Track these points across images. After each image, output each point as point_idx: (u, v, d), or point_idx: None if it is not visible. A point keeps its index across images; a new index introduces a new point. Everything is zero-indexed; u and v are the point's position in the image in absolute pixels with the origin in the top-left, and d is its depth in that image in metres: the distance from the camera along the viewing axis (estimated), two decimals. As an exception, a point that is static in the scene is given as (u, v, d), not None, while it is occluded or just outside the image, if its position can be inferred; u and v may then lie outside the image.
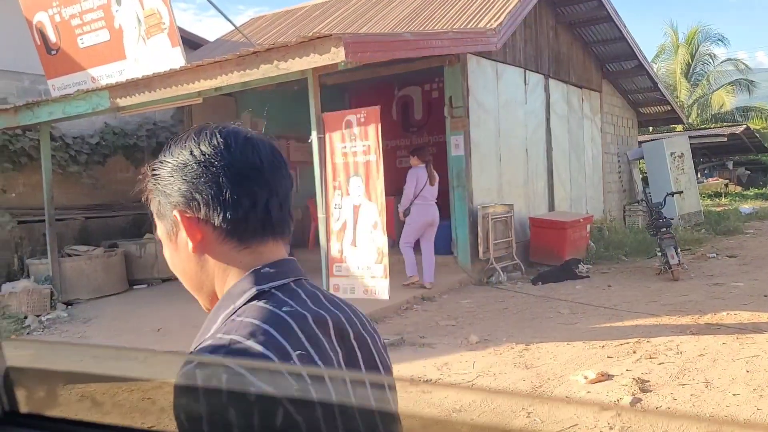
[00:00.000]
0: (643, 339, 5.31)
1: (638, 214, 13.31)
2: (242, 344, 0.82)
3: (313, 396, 0.79)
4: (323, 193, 5.87)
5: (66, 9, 8.29)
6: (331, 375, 0.86)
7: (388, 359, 1.08)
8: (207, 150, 0.93)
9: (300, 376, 0.82)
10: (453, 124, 8.53)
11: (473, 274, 8.45)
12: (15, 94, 9.65)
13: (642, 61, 13.27)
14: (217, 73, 6.05)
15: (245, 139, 0.97)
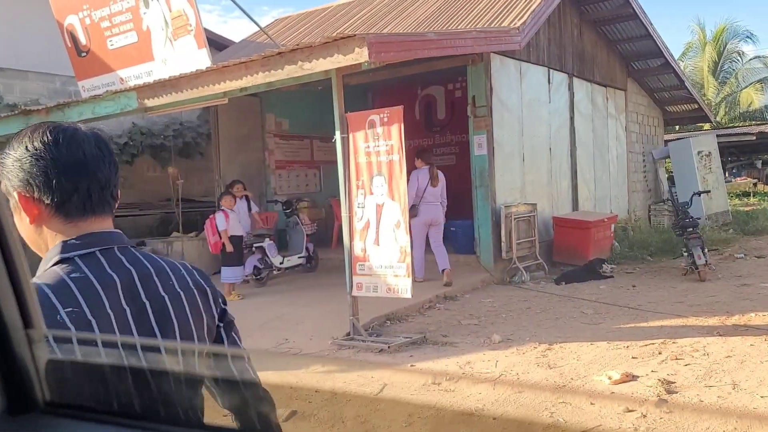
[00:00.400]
0: (668, 340, 5.27)
1: (664, 214, 13.13)
2: None
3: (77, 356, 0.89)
4: (347, 192, 5.91)
5: (96, 12, 8.47)
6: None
7: (213, 318, 1.30)
8: (38, 146, 1.14)
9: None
10: (476, 123, 8.52)
11: (496, 274, 8.44)
12: (46, 95, 9.89)
13: (668, 58, 13.10)
14: (243, 73, 6.13)
15: (71, 136, 1.16)
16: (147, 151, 10.92)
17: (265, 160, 11.05)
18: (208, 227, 8.00)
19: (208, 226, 8.00)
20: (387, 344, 5.51)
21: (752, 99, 26.39)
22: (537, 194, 9.61)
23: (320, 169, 11.96)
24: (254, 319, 6.81)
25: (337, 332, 5.95)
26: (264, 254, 8.61)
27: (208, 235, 8.03)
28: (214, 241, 7.89)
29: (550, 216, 9.83)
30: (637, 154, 13.94)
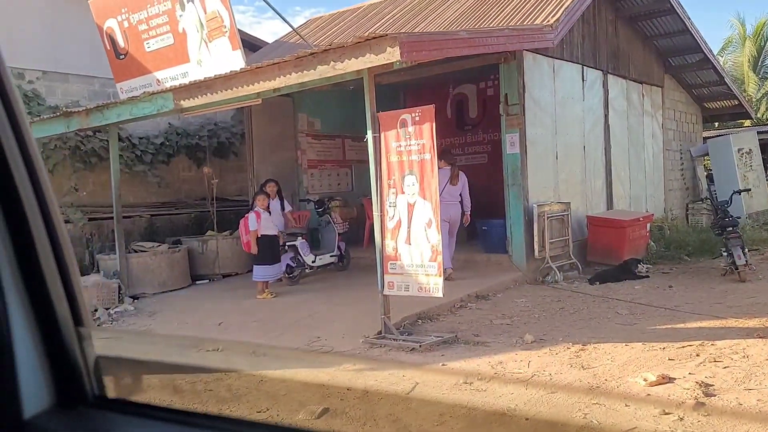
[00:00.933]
0: (707, 342, 5.15)
1: (702, 213, 12.85)
2: None
3: None
4: (378, 191, 5.94)
5: (134, 15, 8.66)
6: None
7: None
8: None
9: None
10: (508, 121, 8.46)
11: (528, 273, 8.37)
12: (86, 96, 10.15)
13: (707, 54, 12.80)
14: (276, 74, 6.20)
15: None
16: (183, 151, 11.13)
17: (297, 159, 11.15)
18: (242, 227, 8.13)
19: (242, 226, 8.13)
20: (418, 343, 5.52)
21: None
22: (570, 193, 9.50)
23: (352, 168, 12.01)
24: (287, 317, 6.89)
25: (369, 331, 5.98)
26: (296, 253, 8.69)
27: (242, 234, 8.15)
28: (247, 240, 8.01)
29: (584, 215, 9.70)
30: (675, 151, 13.66)
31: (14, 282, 0.79)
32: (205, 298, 8.55)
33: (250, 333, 6.48)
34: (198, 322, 7.20)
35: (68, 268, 0.84)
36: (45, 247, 0.81)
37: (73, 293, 0.85)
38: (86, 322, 0.86)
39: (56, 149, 9.30)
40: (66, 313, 0.83)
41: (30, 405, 0.78)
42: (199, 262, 9.77)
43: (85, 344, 0.85)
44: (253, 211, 8.03)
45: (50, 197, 0.84)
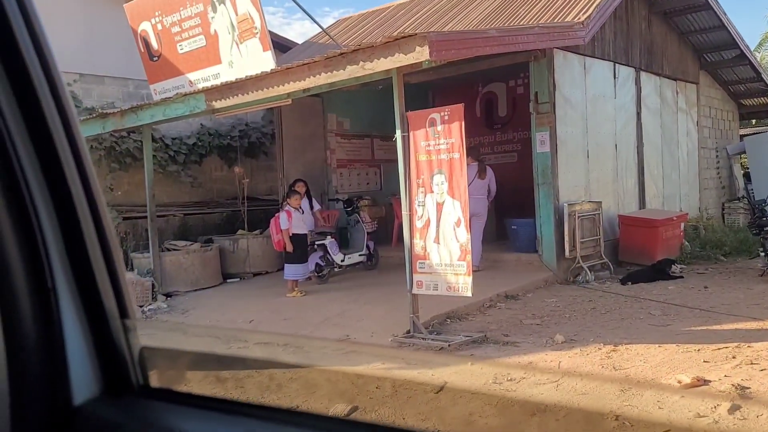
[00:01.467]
0: (743, 343, 5.04)
1: (739, 212, 12.57)
2: None
3: None
4: (407, 190, 5.94)
5: (167, 18, 8.81)
6: None
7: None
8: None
9: None
10: (539, 120, 8.39)
11: (559, 273, 8.28)
12: (121, 98, 10.37)
13: (744, 50, 12.50)
14: (306, 74, 6.25)
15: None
16: (214, 151, 11.29)
17: (326, 159, 11.22)
18: (273, 226, 8.21)
19: (273, 225, 8.21)
20: (447, 342, 5.51)
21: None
22: (602, 192, 9.37)
23: (381, 167, 12.04)
24: (316, 316, 6.94)
25: (398, 330, 5.99)
26: (325, 252, 8.74)
27: (273, 233, 8.23)
28: (278, 239, 8.08)
29: (616, 214, 9.56)
30: (710, 149, 13.37)
31: (66, 277, 0.83)
32: (236, 296, 8.66)
33: (281, 331, 6.54)
34: (230, 320, 7.30)
35: (114, 264, 0.88)
36: (94, 244, 0.85)
37: (119, 287, 0.88)
38: (131, 315, 0.90)
39: (92, 150, 9.52)
40: (113, 305, 0.86)
41: (79, 393, 0.82)
42: (230, 260, 9.90)
43: (130, 335, 0.88)
44: (284, 210, 8.10)
45: (99, 196, 0.87)
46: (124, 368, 0.87)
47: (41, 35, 0.83)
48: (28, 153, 0.80)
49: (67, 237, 0.83)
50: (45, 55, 0.83)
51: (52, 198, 0.82)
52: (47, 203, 0.82)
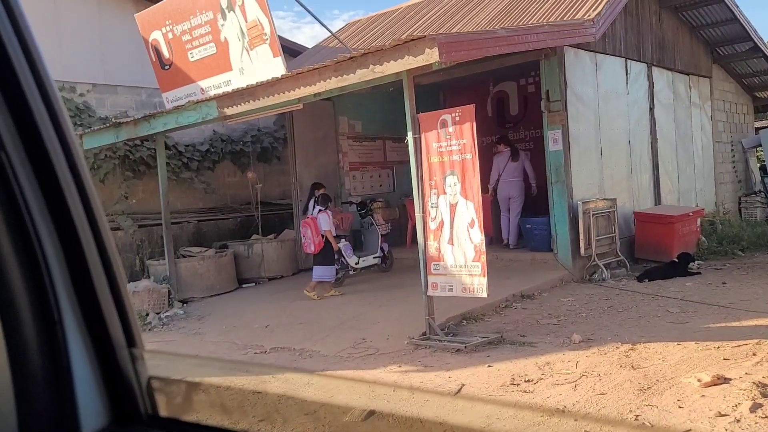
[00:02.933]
0: (764, 340, 4.98)
1: (756, 206, 12.43)
2: None
3: None
4: (420, 192, 5.94)
5: (177, 26, 8.88)
6: None
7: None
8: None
9: None
10: (550, 118, 8.35)
11: (574, 272, 8.24)
12: (134, 107, 10.46)
13: (757, 42, 12.36)
14: (316, 79, 6.27)
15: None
16: (227, 157, 11.35)
17: (339, 162, 11.24)
18: (309, 227, 8.12)
19: (309, 227, 8.12)
20: (463, 344, 5.50)
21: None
22: (616, 189, 9.31)
23: (393, 169, 12.04)
24: (332, 319, 6.96)
25: (413, 332, 5.98)
26: (340, 255, 8.76)
27: (310, 235, 8.08)
28: (318, 241, 8.02)
29: (631, 211, 9.49)
30: (725, 143, 13.23)
31: (72, 308, 0.83)
32: (252, 301, 8.70)
33: (297, 335, 6.57)
34: (245, 325, 7.34)
35: (121, 293, 0.88)
36: (99, 274, 0.85)
37: (125, 316, 0.88)
38: (139, 344, 0.90)
39: (106, 159, 9.61)
40: (119, 334, 0.87)
41: (88, 424, 0.82)
42: (245, 265, 9.95)
43: (138, 364, 0.88)
44: (324, 212, 8.12)
45: (103, 225, 0.87)
46: (133, 398, 0.87)
47: (31, 43, 0.83)
48: (31, 185, 0.80)
49: (72, 268, 0.83)
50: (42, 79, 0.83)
51: (56, 229, 0.82)
52: (51, 234, 0.81)
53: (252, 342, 6.55)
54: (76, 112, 9.78)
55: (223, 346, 6.59)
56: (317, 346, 6.08)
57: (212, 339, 6.97)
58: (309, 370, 5.33)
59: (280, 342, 6.39)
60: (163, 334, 7.51)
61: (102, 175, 9.61)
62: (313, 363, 5.62)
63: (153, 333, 7.61)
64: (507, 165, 9.49)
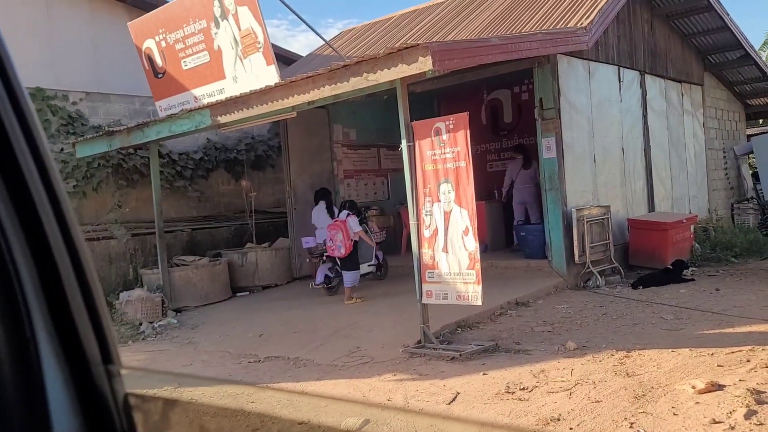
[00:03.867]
0: (757, 347, 4.99)
1: (749, 213, 12.48)
2: None
3: None
4: (414, 200, 5.94)
5: (171, 35, 8.88)
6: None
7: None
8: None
9: None
10: (544, 126, 8.37)
11: (569, 279, 8.24)
12: (127, 115, 10.44)
13: (748, 50, 12.46)
14: (310, 87, 6.27)
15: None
16: (221, 165, 11.33)
17: (333, 170, 11.24)
18: (341, 230, 8.06)
19: (341, 229, 8.06)
20: (458, 352, 5.49)
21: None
22: (610, 196, 9.34)
23: (388, 177, 12.05)
24: (326, 327, 6.93)
25: (408, 340, 5.97)
26: (334, 263, 8.74)
27: (342, 238, 8.03)
28: (349, 244, 8.01)
29: (625, 218, 9.52)
30: (717, 150, 13.31)
31: (45, 324, 0.80)
32: (246, 309, 8.67)
33: (291, 344, 6.54)
34: (239, 334, 7.30)
35: (97, 307, 0.86)
36: (73, 287, 0.83)
37: (102, 331, 0.86)
38: (115, 360, 0.88)
39: (99, 167, 9.58)
40: (95, 351, 0.85)
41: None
42: (239, 274, 9.92)
43: (114, 381, 0.86)
44: (352, 215, 8.15)
45: (77, 234, 0.84)
46: (108, 416, 0.85)
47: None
48: (2, 198, 0.78)
49: (44, 282, 0.80)
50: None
51: (28, 241, 0.79)
52: (22, 247, 0.79)
53: (246, 351, 6.52)
54: (68, 120, 9.76)
55: (217, 356, 6.55)
56: (312, 355, 6.05)
57: (206, 348, 6.93)
58: (289, 390, 5.31)
59: (274, 351, 6.36)
60: (156, 344, 7.46)
61: (95, 184, 9.58)
62: (308, 372, 5.59)
63: (146, 342, 7.57)
64: (520, 172, 10.01)
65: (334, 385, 5.08)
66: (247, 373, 5.77)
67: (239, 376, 5.64)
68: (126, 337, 7.76)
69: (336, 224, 8.19)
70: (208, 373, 5.84)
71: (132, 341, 7.64)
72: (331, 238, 8.15)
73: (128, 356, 6.91)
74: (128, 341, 7.62)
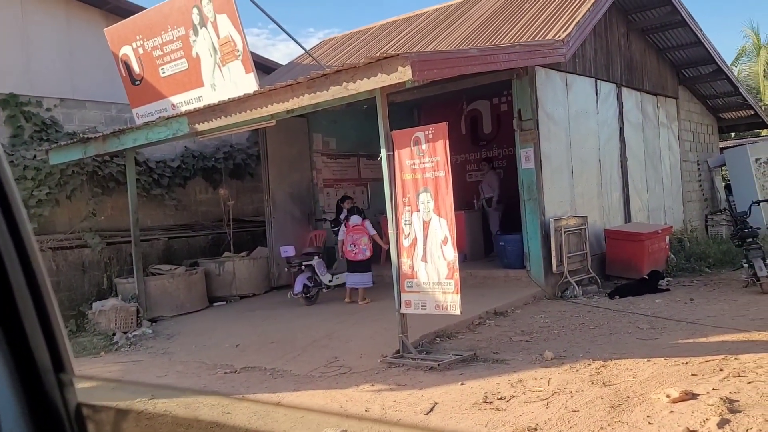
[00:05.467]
0: (730, 356, 5.05)
1: (722, 224, 12.68)
2: None
3: None
4: (393, 209, 5.93)
5: (148, 41, 8.80)
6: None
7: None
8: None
9: None
10: (522, 137, 8.44)
11: (547, 289, 8.29)
12: (103, 122, 10.31)
13: (720, 64, 12.73)
14: (289, 96, 6.25)
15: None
16: (199, 173, 11.23)
17: (313, 179, 11.21)
18: (365, 234, 8.23)
19: (364, 233, 8.23)
20: (437, 362, 5.47)
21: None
22: (587, 207, 9.43)
23: (368, 186, 12.05)
24: (304, 337, 6.88)
25: (387, 350, 5.94)
26: (313, 272, 8.70)
27: (367, 241, 8.21)
28: (370, 246, 8.23)
29: (602, 229, 9.62)
30: (692, 162, 13.54)
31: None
32: (223, 319, 8.57)
33: (268, 354, 6.47)
34: (216, 344, 7.21)
35: (48, 313, 0.83)
36: (23, 293, 0.80)
37: (54, 339, 0.84)
38: (67, 368, 0.85)
39: (74, 175, 9.42)
40: (46, 359, 0.82)
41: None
42: (216, 283, 9.81)
43: (66, 391, 0.84)
44: (366, 219, 8.28)
45: (28, 237, 0.81)
46: (60, 426, 0.82)
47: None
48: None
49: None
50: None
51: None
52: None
53: (222, 361, 6.43)
54: (42, 126, 9.60)
55: (193, 366, 6.45)
56: (289, 366, 5.99)
57: (181, 359, 6.83)
58: (265, 402, 5.26)
59: (250, 361, 6.28)
60: (130, 354, 7.34)
61: (69, 192, 9.42)
62: (285, 383, 5.53)
63: (120, 353, 7.44)
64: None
65: (311, 395, 5.03)
66: (223, 383, 5.69)
67: (215, 387, 5.56)
68: (99, 347, 7.62)
69: (357, 228, 8.33)
70: (184, 384, 5.75)
71: (105, 352, 7.50)
72: (354, 243, 8.28)
73: (100, 367, 6.78)
74: (101, 352, 7.48)
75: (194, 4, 8.07)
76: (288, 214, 10.66)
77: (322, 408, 4.68)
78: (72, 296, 9.22)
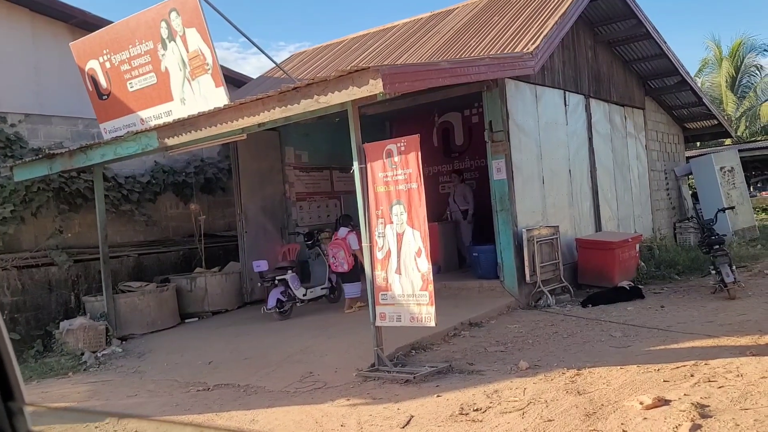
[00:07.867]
0: (700, 361, 5.13)
1: (690, 232, 12.94)
2: None
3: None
4: (366, 222, 5.92)
5: (116, 56, 8.68)
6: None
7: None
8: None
9: None
10: (494, 148, 8.52)
11: (521, 298, 8.34)
12: (70, 138, 10.11)
13: (684, 76, 13.05)
14: (260, 109, 6.21)
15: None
16: (169, 188, 11.07)
17: (285, 192, 11.14)
18: (342, 248, 8.34)
19: (342, 247, 8.35)
20: (412, 374, 5.45)
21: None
22: (559, 216, 9.53)
23: (341, 199, 12.02)
24: (278, 353, 6.79)
25: (362, 363, 5.90)
26: (287, 287, 8.62)
27: (343, 255, 8.34)
28: (350, 260, 8.34)
29: (573, 238, 9.72)
30: (659, 172, 13.80)
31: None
32: (195, 336, 8.43)
33: (242, 370, 6.37)
34: (188, 362, 7.08)
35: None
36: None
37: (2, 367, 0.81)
38: (17, 396, 0.82)
39: (39, 192, 9.20)
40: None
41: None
42: (187, 300, 9.66)
43: (16, 420, 0.81)
44: (352, 232, 8.31)
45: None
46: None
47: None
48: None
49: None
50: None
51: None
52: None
53: (195, 379, 6.31)
54: (6, 143, 9.37)
55: (164, 385, 6.32)
56: (263, 382, 5.91)
57: (152, 377, 6.69)
58: (235, 430, 5.18)
59: (224, 378, 6.18)
60: (99, 374, 7.16)
61: (34, 209, 9.20)
62: (259, 399, 5.45)
63: (88, 373, 7.26)
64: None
65: (285, 412, 4.96)
66: (196, 402, 5.58)
67: (188, 406, 5.45)
68: (66, 368, 7.42)
69: (337, 242, 8.50)
70: (155, 403, 5.62)
71: (73, 372, 7.31)
72: (333, 256, 8.50)
73: (68, 388, 6.60)
74: (69, 372, 7.29)
75: (162, 18, 7.99)
76: (260, 228, 10.57)
77: (297, 425, 4.61)
78: (39, 316, 8.99)
